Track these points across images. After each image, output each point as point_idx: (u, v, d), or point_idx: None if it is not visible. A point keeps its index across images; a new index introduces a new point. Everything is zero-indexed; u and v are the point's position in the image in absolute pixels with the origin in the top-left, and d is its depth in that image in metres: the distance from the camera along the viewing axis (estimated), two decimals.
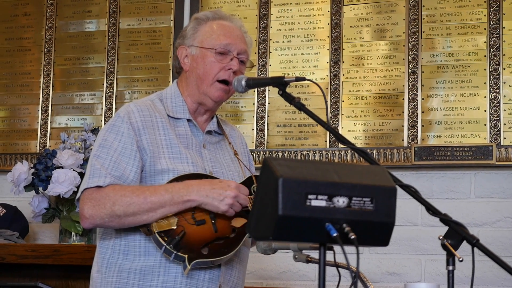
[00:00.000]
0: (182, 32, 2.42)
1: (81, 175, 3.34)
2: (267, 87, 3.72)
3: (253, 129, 3.77)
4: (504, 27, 3.52)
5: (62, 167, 3.40)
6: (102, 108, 3.98)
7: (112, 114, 3.90)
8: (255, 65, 3.74)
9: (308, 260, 2.23)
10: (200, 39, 2.35)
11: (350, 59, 3.70)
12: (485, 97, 3.50)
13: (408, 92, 3.59)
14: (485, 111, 3.49)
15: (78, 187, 3.30)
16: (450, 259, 1.81)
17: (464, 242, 1.82)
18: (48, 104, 4.06)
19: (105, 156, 2.20)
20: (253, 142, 3.74)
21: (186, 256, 2.11)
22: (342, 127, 3.65)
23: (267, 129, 3.75)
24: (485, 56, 3.53)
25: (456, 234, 1.82)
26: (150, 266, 2.18)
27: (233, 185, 2.17)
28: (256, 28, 3.83)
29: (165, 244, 2.11)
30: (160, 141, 2.26)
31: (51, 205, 3.48)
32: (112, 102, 3.97)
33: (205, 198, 2.13)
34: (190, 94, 2.37)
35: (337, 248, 1.65)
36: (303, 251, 2.23)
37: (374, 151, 3.59)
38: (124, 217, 2.13)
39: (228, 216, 2.17)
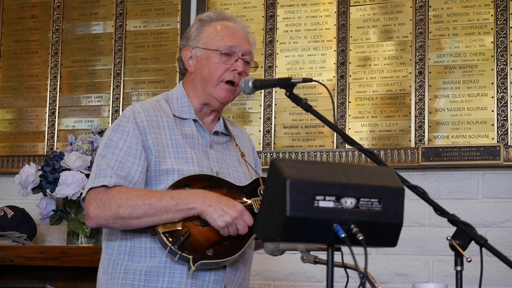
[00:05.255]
0: (185, 33, 2.42)
1: (89, 177, 3.34)
2: (274, 89, 3.72)
3: (260, 131, 3.77)
4: (511, 27, 3.52)
5: (69, 169, 3.40)
6: (109, 110, 3.99)
7: (119, 116, 3.91)
8: (260, 66, 3.74)
9: (316, 261, 2.22)
10: (205, 41, 2.35)
11: (356, 60, 3.70)
12: (492, 97, 3.50)
13: (415, 93, 3.59)
14: (492, 111, 3.49)
15: (84, 188, 3.30)
16: (458, 259, 1.81)
17: (472, 243, 1.82)
18: (55, 106, 4.07)
19: (110, 156, 2.20)
20: (260, 144, 3.74)
21: (191, 257, 2.11)
22: (349, 128, 3.65)
23: (274, 131, 3.75)
24: (492, 56, 3.52)
25: (464, 235, 1.82)
26: (155, 267, 2.19)
27: (239, 207, 2.14)
28: (262, 29, 3.83)
29: (170, 245, 2.11)
30: (166, 141, 2.26)
31: (58, 207, 3.49)
32: (119, 104, 3.98)
33: (207, 207, 2.12)
34: (196, 96, 2.37)
35: (345, 249, 1.65)
36: (311, 252, 2.23)
37: (381, 152, 3.59)
38: (129, 220, 2.13)
39: (222, 235, 2.14)
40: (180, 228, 2.13)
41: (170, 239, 2.12)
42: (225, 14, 2.41)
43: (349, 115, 3.66)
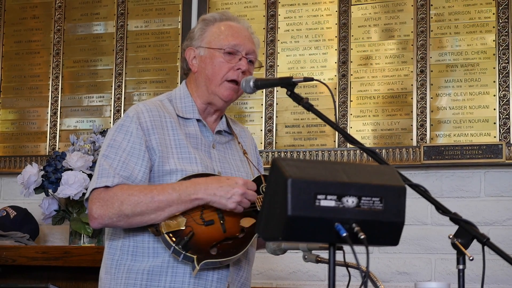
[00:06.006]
0: (189, 33, 2.43)
1: (91, 177, 3.35)
2: (275, 88, 3.72)
3: (261, 130, 3.77)
4: None
5: (71, 169, 3.41)
6: (111, 110, 3.99)
7: (120, 116, 3.91)
8: (263, 66, 3.73)
9: (318, 260, 2.22)
10: (208, 40, 2.35)
11: (358, 59, 3.70)
12: (494, 95, 3.50)
13: (417, 91, 3.59)
14: (494, 109, 3.49)
15: (87, 189, 3.31)
16: (461, 258, 1.81)
17: (475, 241, 1.82)
18: (57, 106, 4.07)
19: (113, 156, 2.20)
20: (261, 143, 3.74)
21: (195, 256, 2.12)
22: (351, 127, 3.65)
23: (276, 130, 3.75)
24: (494, 54, 3.52)
25: (466, 233, 1.82)
26: (158, 266, 2.19)
27: (240, 182, 2.16)
28: (263, 28, 3.83)
29: (173, 245, 2.11)
30: (169, 141, 2.27)
31: (61, 207, 3.50)
32: (121, 104, 3.98)
33: (213, 196, 2.13)
34: (199, 95, 2.37)
35: (346, 248, 1.65)
36: (313, 251, 2.23)
37: (383, 150, 3.58)
38: (132, 216, 2.13)
39: (237, 212, 2.17)
40: (184, 228, 2.13)
41: (174, 239, 2.12)
42: (229, 15, 2.41)
43: (351, 114, 3.66)
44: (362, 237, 1.53)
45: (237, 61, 2.32)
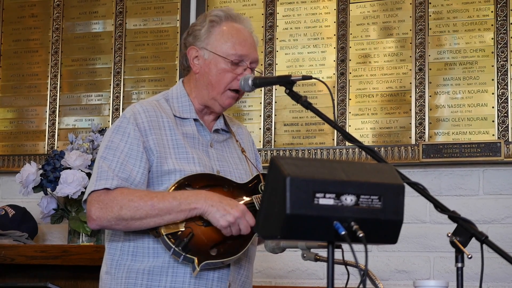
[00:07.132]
0: (193, 31, 2.37)
1: (89, 175, 3.34)
2: (274, 86, 3.72)
3: (260, 128, 3.77)
4: (511, 23, 3.51)
5: (70, 168, 3.40)
6: (109, 109, 3.99)
7: (119, 115, 3.90)
8: (260, 64, 3.74)
9: (317, 258, 2.22)
10: (214, 45, 2.31)
11: (356, 57, 3.70)
12: (492, 93, 3.50)
13: (415, 90, 3.59)
14: (493, 107, 3.49)
15: (86, 188, 3.30)
16: (459, 256, 1.81)
17: (473, 239, 1.82)
18: (56, 105, 4.07)
19: (111, 158, 2.20)
20: (260, 141, 3.74)
21: (195, 258, 2.12)
22: (350, 125, 3.65)
23: (274, 128, 3.75)
24: (492, 52, 3.52)
25: (464, 231, 1.82)
26: (158, 266, 2.19)
27: (242, 207, 2.15)
28: (262, 27, 3.83)
29: (173, 246, 2.11)
30: (167, 142, 2.26)
31: (59, 206, 3.49)
32: (120, 102, 3.98)
33: (209, 207, 2.12)
34: (197, 96, 2.36)
35: (345, 246, 1.65)
36: (312, 250, 2.23)
37: (382, 149, 3.58)
38: (131, 221, 2.13)
39: (225, 234, 2.15)
40: (183, 229, 2.13)
41: (173, 241, 2.12)
42: (232, 13, 2.37)
43: (350, 112, 3.66)
44: (361, 235, 1.53)
45: (242, 71, 2.30)
